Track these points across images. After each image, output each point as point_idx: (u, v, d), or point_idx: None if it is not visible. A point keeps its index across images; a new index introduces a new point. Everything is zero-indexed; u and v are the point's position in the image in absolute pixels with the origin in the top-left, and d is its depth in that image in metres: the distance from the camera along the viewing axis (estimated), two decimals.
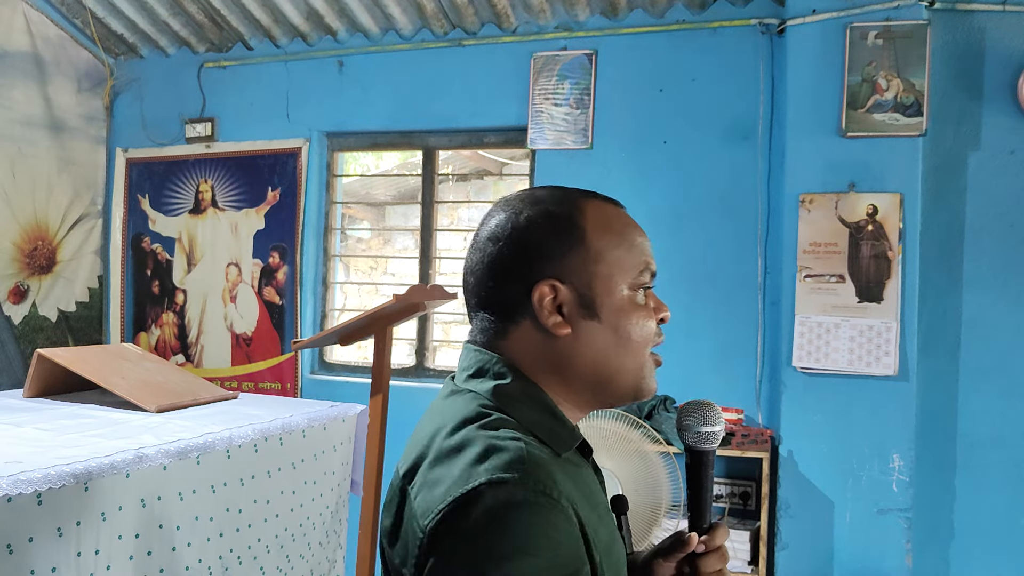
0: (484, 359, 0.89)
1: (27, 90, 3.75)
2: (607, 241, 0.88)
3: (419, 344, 3.73)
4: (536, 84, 3.42)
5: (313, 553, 2.34)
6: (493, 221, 0.91)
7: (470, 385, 0.88)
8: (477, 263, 0.90)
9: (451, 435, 0.80)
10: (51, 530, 1.47)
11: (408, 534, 0.78)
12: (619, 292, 0.88)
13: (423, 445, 0.83)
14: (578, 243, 0.87)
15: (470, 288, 0.92)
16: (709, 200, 3.19)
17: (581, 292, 0.87)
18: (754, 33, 3.14)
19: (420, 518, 0.76)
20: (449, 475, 0.76)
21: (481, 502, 0.72)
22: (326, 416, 2.38)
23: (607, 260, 0.87)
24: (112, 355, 2.44)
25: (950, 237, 2.92)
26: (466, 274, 0.93)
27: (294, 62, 3.83)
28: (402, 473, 0.84)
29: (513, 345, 0.88)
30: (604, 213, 0.90)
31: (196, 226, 4.01)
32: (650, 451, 2.67)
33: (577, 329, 0.87)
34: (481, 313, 0.91)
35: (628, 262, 0.89)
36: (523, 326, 0.88)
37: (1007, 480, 2.86)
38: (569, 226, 0.87)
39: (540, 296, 0.86)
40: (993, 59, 2.88)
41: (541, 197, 0.91)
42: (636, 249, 0.90)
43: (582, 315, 0.87)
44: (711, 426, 0.97)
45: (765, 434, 2.96)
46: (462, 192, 6.36)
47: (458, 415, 0.83)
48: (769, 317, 3.11)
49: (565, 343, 0.87)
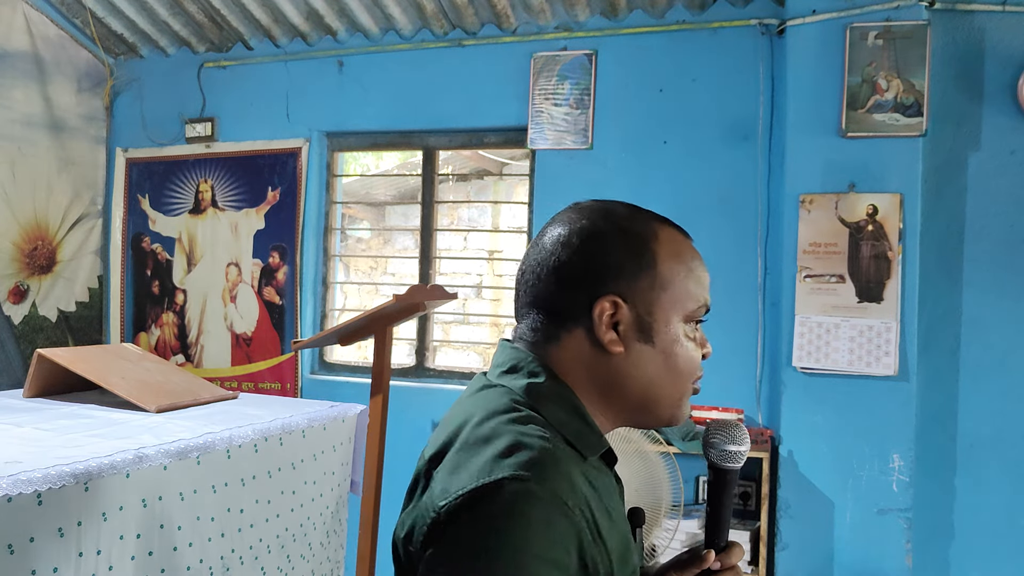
0: (519, 356, 0.89)
1: (27, 90, 3.75)
2: (675, 270, 0.89)
3: (419, 344, 3.73)
4: (536, 84, 3.42)
5: (314, 553, 2.34)
6: (567, 226, 0.90)
7: (503, 381, 0.88)
8: (541, 263, 0.89)
9: (480, 425, 0.81)
10: (52, 530, 1.47)
11: (421, 512, 0.79)
12: (675, 322, 0.89)
13: (451, 432, 0.83)
14: (649, 266, 0.87)
15: (528, 286, 0.91)
16: (709, 200, 3.19)
17: (641, 315, 0.87)
18: (754, 33, 3.15)
19: (437, 498, 0.77)
20: (473, 463, 0.77)
21: (499, 495, 0.73)
22: (326, 416, 2.38)
23: (671, 289, 0.88)
24: (112, 355, 2.44)
25: (950, 237, 2.92)
26: (525, 272, 0.91)
27: (294, 62, 3.83)
28: (428, 457, 0.84)
29: (560, 350, 0.88)
30: (676, 242, 0.91)
31: (196, 226, 4.01)
32: (650, 451, 2.67)
33: (629, 350, 0.87)
34: (533, 313, 0.90)
35: (690, 294, 0.90)
36: (575, 334, 0.88)
37: (1007, 480, 2.86)
38: (644, 248, 0.88)
39: (601, 310, 0.86)
40: (993, 59, 2.88)
41: (616, 212, 0.91)
42: (700, 284, 0.91)
43: (637, 337, 0.87)
44: (738, 445, 0.99)
45: (765, 434, 2.96)
46: (462, 192, 6.36)
47: (489, 407, 0.83)
48: (769, 317, 3.11)
49: (615, 361, 0.87)
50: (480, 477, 0.75)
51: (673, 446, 2.91)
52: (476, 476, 0.75)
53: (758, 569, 2.89)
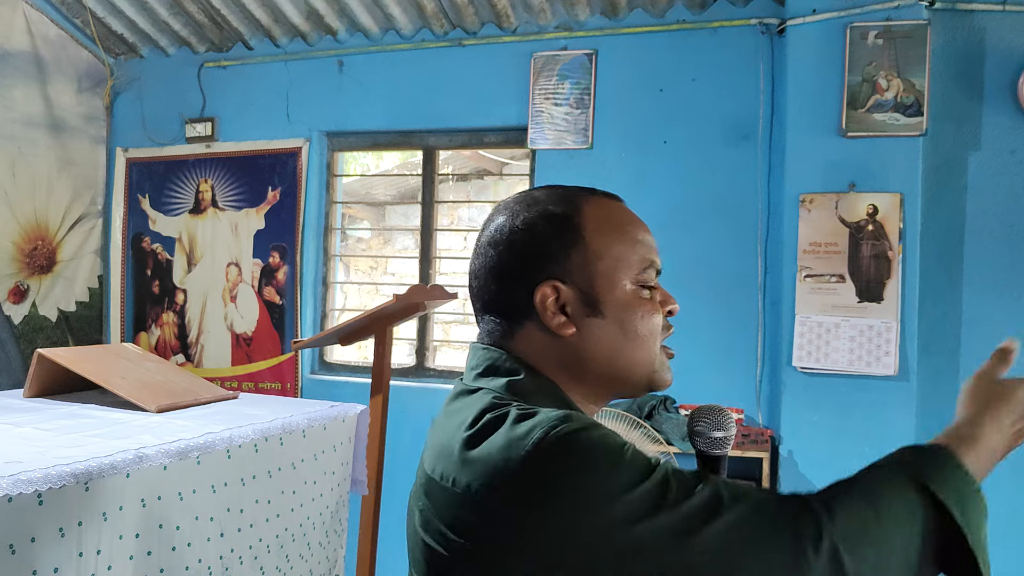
0: (494, 356, 0.89)
1: (27, 90, 3.75)
2: (607, 238, 0.88)
3: (419, 344, 3.73)
4: (536, 84, 3.42)
5: (313, 553, 2.34)
6: (493, 225, 0.91)
7: (481, 383, 0.87)
8: (480, 267, 0.91)
9: (473, 425, 0.79)
10: (53, 530, 1.47)
11: (464, 514, 0.76)
12: (622, 288, 0.88)
13: (446, 444, 0.81)
14: (577, 242, 0.87)
15: (474, 292, 0.92)
16: (709, 200, 3.19)
17: (583, 291, 0.87)
18: (754, 33, 3.15)
19: (476, 491, 0.74)
20: (497, 447, 0.75)
21: (558, 441, 0.72)
22: (326, 416, 2.38)
23: (607, 257, 0.87)
24: (112, 355, 2.44)
25: (950, 237, 2.92)
26: (470, 278, 0.93)
27: (294, 62, 3.83)
28: (434, 475, 0.82)
29: (520, 345, 0.88)
30: (603, 210, 0.90)
31: (196, 226, 4.01)
32: (650, 451, 2.67)
33: (582, 327, 0.87)
34: (487, 316, 0.91)
35: (630, 258, 0.88)
36: (528, 328, 0.88)
37: (1007, 479, 2.85)
38: (567, 225, 0.87)
39: (542, 298, 0.86)
40: (993, 59, 2.88)
41: (538, 198, 0.91)
42: (638, 244, 0.90)
43: (586, 313, 0.87)
44: (723, 431, 0.98)
45: (765, 434, 2.96)
46: (462, 192, 6.36)
47: (475, 409, 0.82)
48: (769, 317, 3.11)
49: (572, 342, 0.87)
50: (512, 453, 0.73)
51: (673, 446, 2.91)
52: (513, 452, 0.73)
53: None
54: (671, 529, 0.70)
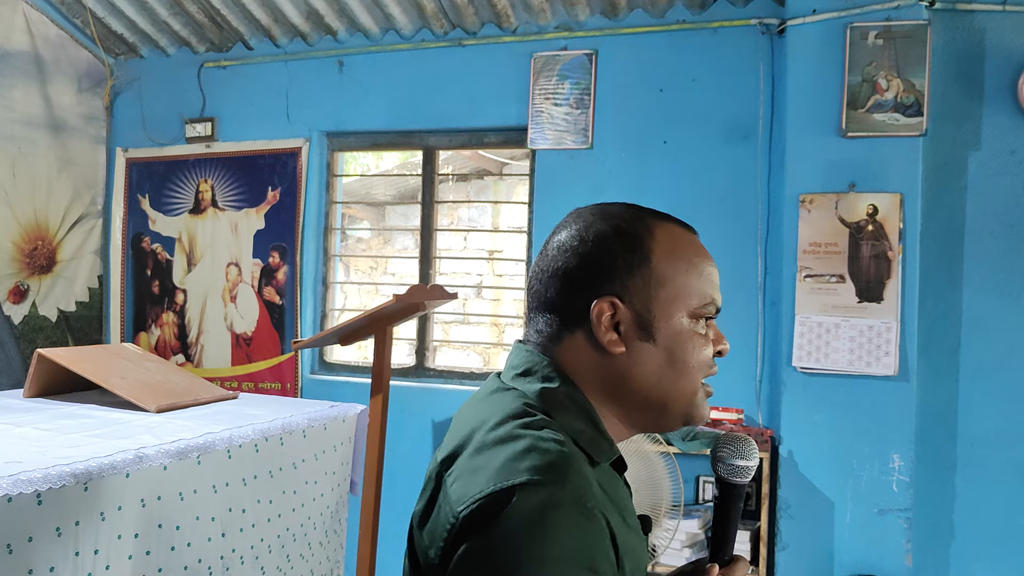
0: (534, 360, 0.89)
1: (27, 90, 3.75)
2: (673, 266, 0.89)
3: (419, 344, 3.73)
4: (536, 84, 3.42)
5: (313, 553, 2.34)
6: (565, 232, 0.92)
7: (517, 384, 0.88)
8: (544, 268, 0.91)
9: (494, 429, 0.80)
10: (50, 530, 1.47)
11: (439, 518, 0.78)
12: (678, 318, 0.88)
13: (464, 435, 0.83)
14: (643, 264, 0.88)
15: (534, 291, 0.93)
16: (709, 200, 3.19)
17: (640, 313, 0.87)
18: (754, 33, 3.15)
19: (455, 504, 0.76)
20: (490, 467, 0.76)
21: (519, 500, 0.72)
22: (326, 416, 2.38)
23: (670, 285, 0.88)
24: (112, 355, 2.44)
25: (950, 237, 2.92)
26: (532, 278, 0.93)
27: (294, 62, 3.83)
28: (440, 460, 0.84)
29: (566, 352, 0.89)
30: (674, 238, 0.91)
31: (196, 226, 4.01)
32: (650, 451, 2.67)
33: (631, 349, 0.87)
34: (541, 316, 0.92)
35: (692, 290, 0.89)
36: (578, 336, 0.88)
37: (1007, 480, 2.86)
38: (637, 246, 0.88)
39: (599, 312, 0.87)
40: (993, 59, 2.88)
41: (614, 213, 0.91)
42: (703, 279, 0.90)
43: (638, 336, 0.87)
44: (746, 460, 0.97)
45: (765, 434, 2.96)
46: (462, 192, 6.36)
47: (502, 411, 0.83)
48: (769, 317, 3.11)
49: (619, 361, 0.87)
50: (497, 481, 0.74)
51: (673, 446, 2.91)
52: (493, 479, 0.74)
53: (758, 569, 2.89)
54: None
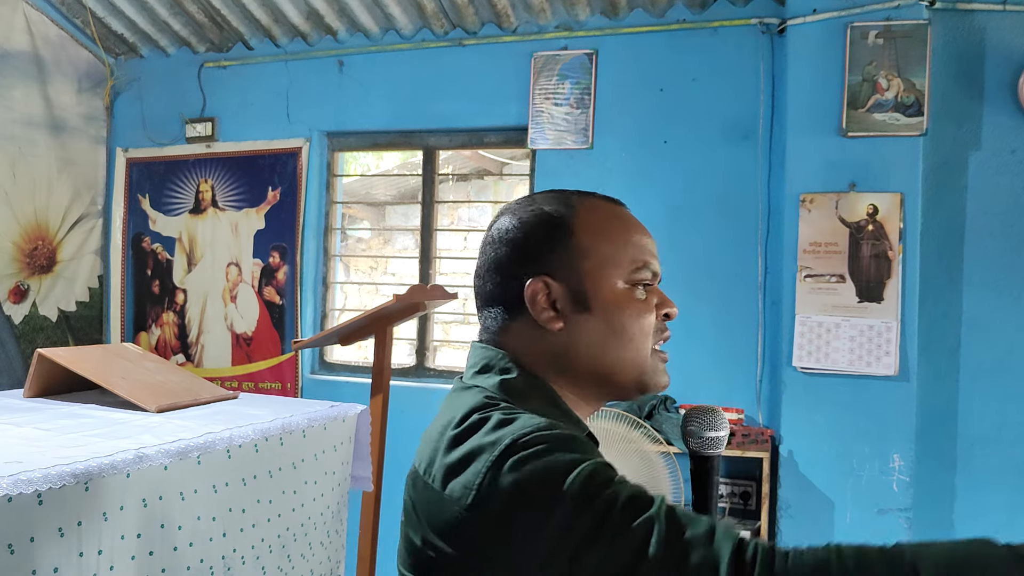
0: (490, 355, 0.92)
1: (27, 90, 3.75)
2: (596, 237, 0.91)
3: (419, 344, 3.73)
4: (536, 84, 3.42)
5: (314, 553, 2.35)
6: (496, 225, 0.96)
7: (476, 381, 0.90)
8: (482, 264, 0.96)
9: (460, 424, 0.82)
10: (52, 530, 1.47)
11: (439, 516, 0.78)
12: (611, 286, 0.90)
13: (435, 440, 0.84)
14: (566, 238, 0.90)
15: (476, 288, 0.97)
16: (709, 200, 3.19)
17: (572, 287, 0.89)
18: (754, 33, 3.15)
19: (459, 499, 0.76)
20: (472, 451, 0.78)
21: (519, 453, 0.74)
22: (326, 416, 2.38)
23: (595, 255, 0.90)
24: (112, 355, 2.44)
25: (950, 237, 2.92)
26: (474, 276, 0.98)
27: (294, 62, 3.83)
28: (419, 469, 0.85)
29: (514, 340, 0.92)
30: (596, 211, 0.93)
31: (196, 226, 4.01)
32: (650, 451, 2.67)
33: (569, 323, 0.89)
34: (487, 311, 0.95)
35: (620, 258, 0.91)
36: (521, 321, 0.91)
37: (1007, 480, 2.86)
38: (559, 224, 0.91)
39: (532, 292, 0.89)
40: (993, 59, 2.88)
41: (536, 199, 0.95)
42: (631, 246, 0.92)
43: (574, 309, 0.89)
44: (716, 431, 1.00)
45: (765, 434, 2.96)
46: (462, 192, 6.36)
47: (465, 407, 0.84)
48: (769, 317, 3.11)
49: (560, 337, 0.90)
50: (489, 453, 0.75)
51: (673, 446, 2.91)
52: (485, 456, 0.76)
53: None
54: (604, 559, 0.70)
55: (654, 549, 0.68)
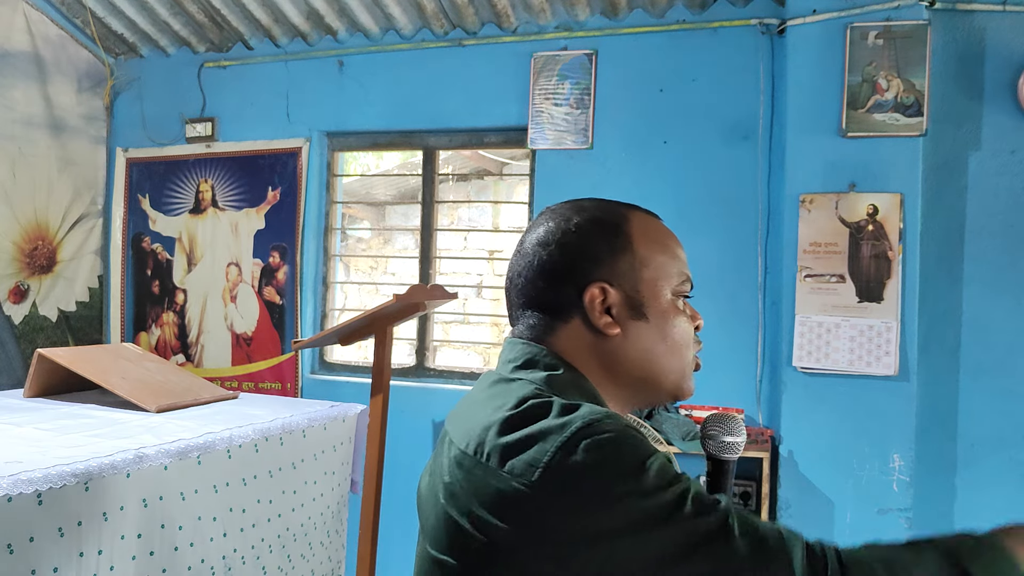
0: (533, 351, 0.92)
1: (27, 90, 3.75)
2: (651, 248, 0.94)
3: (419, 344, 3.73)
4: (536, 84, 3.42)
5: (314, 552, 2.35)
6: (542, 228, 0.96)
7: (520, 375, 0.91)
8: (526, 267, 0.95)
9: (518, 407, 0.83)
10: (52, 530, 1.47)
11: (492, 492, 0.78)
12: (664, 296, 0.93)
13: (483, 420, 0.84)
14: (625, 248, 0.93)
15: (518, 289, 0.96)
16: (709, 200, 3.19)
17: (629, 295, 0.92)
18: (754, 33, 3.15)
19: (521, 475, 0.77)
20: (537, 432, 0.79)
21: (592, 437, 0.76)
22: (326, 416, 2.38)
23: (652, 266, 0.93)
24: (112, 355, 2.44)
25: (950, 237, 2.92)
26: (513, 277, 0.97)
27: (294, 62, 3.83)
28: (467, 449, 0.84)
29: (561, 342, 0.93)
30: (647, 222, 0.96)
31: (196, 226, 4.01)
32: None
33: (626, 329, 0.92)
34: (529, 312, 0.96)
35: (670, 269, 0.94)
36: (573, 324, 0.92)
37: (1007, 480, 2.86)
38: (617, 232, 0.93)
39: (591, 298, 0.91)
40: (993, 59, 2.88)
41: (587, 206, 0.96)
42: (677, 259, 0.96)
43: (630, 316, 0.92)
44: (734, 436, 1.05)
45: (765, 434, 2.96)
46: (462, 192, 6.36)
47: (517, 395, 0.85)
48: (769, 317, 3.11)
49: (614, 342, 0.92)
50: (558, 436, 0.77)
51: (673, 446, 2.91)
52: (552, 438, 0.77)
53: None
54: (671, 544, 0.73)
55: (732, 540, 0.73)
